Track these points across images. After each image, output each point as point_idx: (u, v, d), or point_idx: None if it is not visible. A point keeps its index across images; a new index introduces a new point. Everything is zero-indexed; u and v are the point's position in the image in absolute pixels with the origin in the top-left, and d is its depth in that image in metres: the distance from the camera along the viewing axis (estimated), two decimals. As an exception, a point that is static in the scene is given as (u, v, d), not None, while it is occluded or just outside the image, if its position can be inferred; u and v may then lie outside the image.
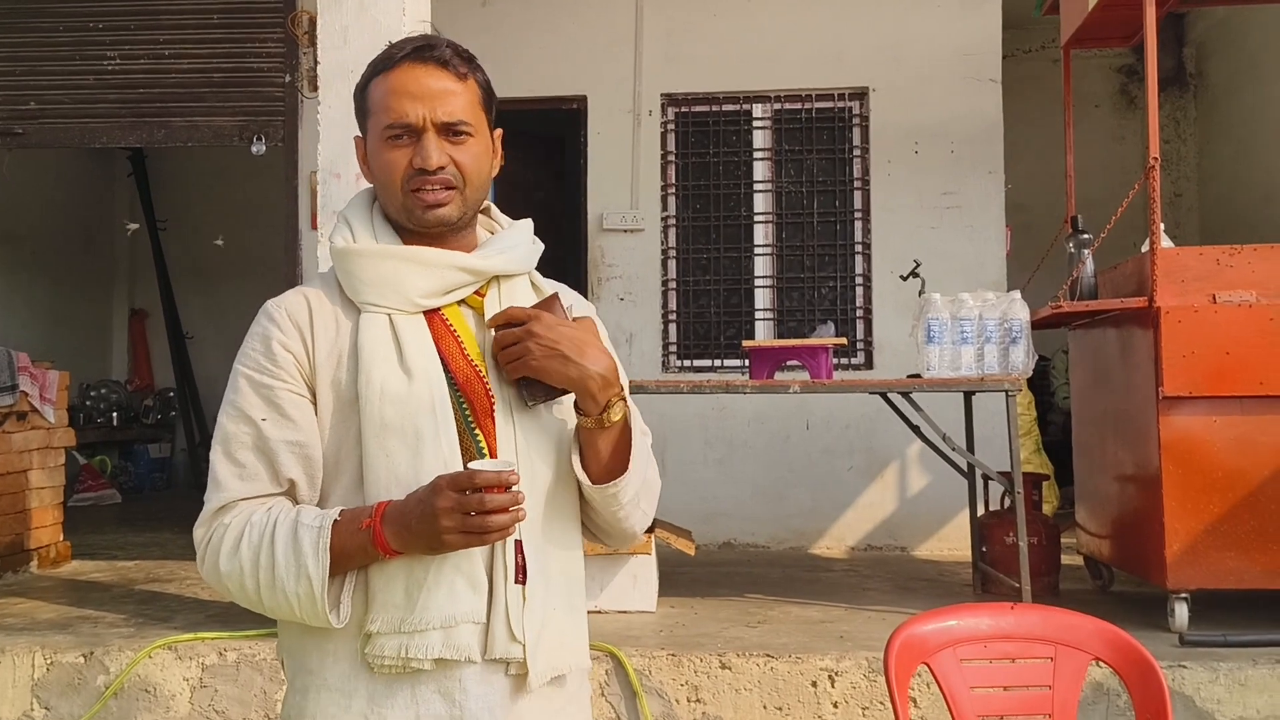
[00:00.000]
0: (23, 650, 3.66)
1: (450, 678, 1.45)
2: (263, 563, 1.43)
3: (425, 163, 1.50)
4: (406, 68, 1.52)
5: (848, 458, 6.08)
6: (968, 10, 6.15)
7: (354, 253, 1.54)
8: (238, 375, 1.52)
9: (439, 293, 1.53)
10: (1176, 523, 3.74)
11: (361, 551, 1.42)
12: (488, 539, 1.38)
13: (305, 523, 1.42)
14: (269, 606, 1.46)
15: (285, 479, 1.49)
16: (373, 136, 1.56)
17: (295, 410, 1.49)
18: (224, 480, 1.48)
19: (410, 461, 1.45)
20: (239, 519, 1.46)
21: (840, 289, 6.28)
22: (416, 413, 1.46)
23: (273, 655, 3.56)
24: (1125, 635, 2.15)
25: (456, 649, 1.43)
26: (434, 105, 1.50)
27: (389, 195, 1.55)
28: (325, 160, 3.65)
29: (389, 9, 3.63)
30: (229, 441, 1.49)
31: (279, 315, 1.53)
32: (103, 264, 9.67)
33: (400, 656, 1.42)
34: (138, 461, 9.20)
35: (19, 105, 6.01)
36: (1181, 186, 8.12)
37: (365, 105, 1.57)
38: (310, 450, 1.49)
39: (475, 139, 1.54)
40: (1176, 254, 3.88)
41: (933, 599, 4.41)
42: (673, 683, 3.50)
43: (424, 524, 1.37)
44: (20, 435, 5.13)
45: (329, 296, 1.55)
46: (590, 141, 6.35)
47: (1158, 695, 2.05)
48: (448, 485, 1.36)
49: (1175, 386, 3.75)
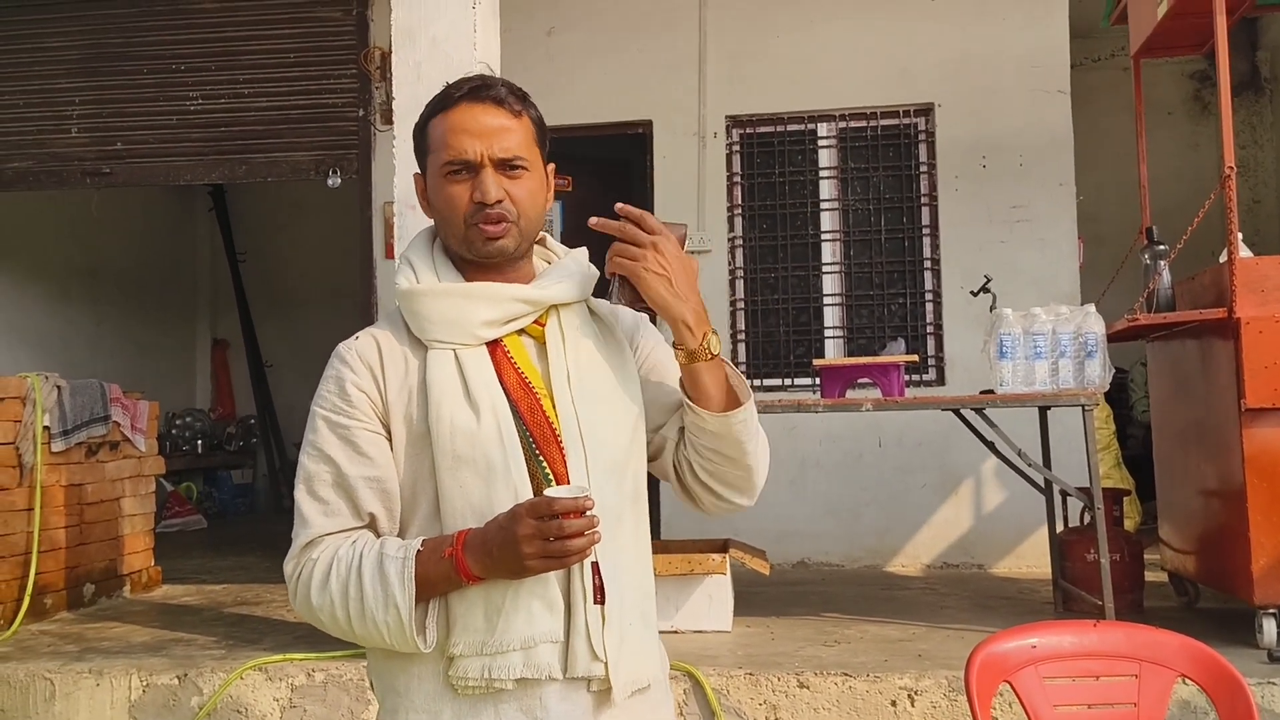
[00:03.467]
0: (119, 673, 3.79)
1: (531, 696, 1.49)
2: (352, 594, 1.49)
3: (484, 197, 1.56)
4: (464, 107, 1.58)
5: (921, 475, 6.04)
6: (1033, 22, 6.10)
7: (418, 293, 1.61)
8: (315, 417, 1.59)
9: (499, 323, 1.59)
10: (1262, 536, 3.66)
11: (444, 579, 1.47)
12: (566, 562, 1.43)
13: (390, 554, 1.49)
14: (360, 635, 1.52)
15: (366, 513, 1.55)
16: (432, 173, 1.62)
17: (371, 447, 1.56)
18: (309, 517, 1.56)
19: (483, 491, 1.51)
20: (326, 553, 1.53)
21: (910, 305, 6.25)
22: (486, 445, 1.52)
23: (359, 676, 3.65)
24: (1211, 652, 2.12)
25: (537, 668, 1.48)
26: (491, 142, 1.57)
27: (450, 229, 1.61)
28: (401, 192, 3.75)
29: (460, 44, 3.72)
30: (311, 480, 1.57)
31: (350, 357, 1.60)
32: (185, 296, 9.97)
33: (483, 678, 1.48)
34: (221, 488, 9.45)
35: (107, 146, 6.25)
36: (1260, 193, 7.95)
37: (425, 144, 1.64)
38: (388, 485, 1.56)
39: (530, 174, 1.61)
40: (1256, 263, 3.81)
41: (1012, 617, 4.36)
42: (751, 702, 3.51)
43: (505, 550, 1.42)
44: (113, 464, 5.32)
45: (396, 335, 1.62)
46: (656, 165, 6.40)
47: (1246, 712, 2.01)
48: (527, 513, 1.41)
49: (1258, 398, 3.68)
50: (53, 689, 3.79)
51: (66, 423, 4.93)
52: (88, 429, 5.05)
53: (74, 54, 6.28)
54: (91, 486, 5.15)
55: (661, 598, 4.17)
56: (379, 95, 6.02)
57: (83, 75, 6.26)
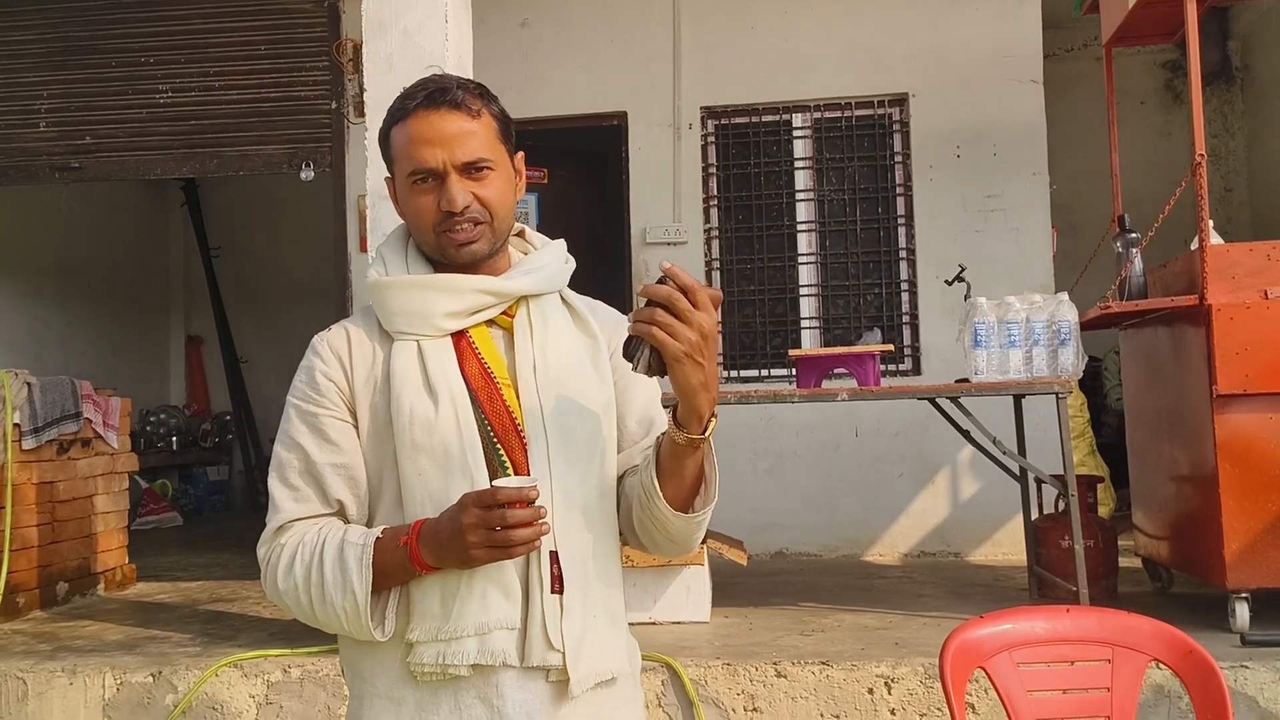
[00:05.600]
0: (93, 671, 3.76)
1: (489, 684, 1.51)
2: (314, 579, 1.51)
3: (451, 205, 1.56)
4: (421, 115, 1.57)
5: (898, 464, 6.06)
6: (1006, 12, 6.12)
7: (385, 285, 1.62)
8: (289, 405, 1.62)
9: (463, 315, 1.59)
10: (1235, 522, 3.69)
11: (401, 568, 1.49)
12: (513, 553, 1.44)
13: (351, 541, 1.51)
14: (322, 621, 1.54)
15: (334, 500, 1.58)
16: (399, 182, 1.63)
17: (339, 435, 1.58)
18: (280, 502, 1.59)
19: (441, 480, 1.52)
20: (293, 539, 1.56)
21: (885, 295, 6.27)
22: (444, 433, 1.53)
23: (335, 671, 3.63)
24: (1184, 636, 2.14)
25: (491, 655, 1.49)
26: (452, 148, 1.56)
27: (422, 236, 1.62)
28: (374, 185, 3.72)
29: (432, 35, 3.70)
30: (282, 467, 1.60)
31: (322, 348, 1.63)
32: (158, 292, 9.89)
33: (438, 664, 1.50)
34: (197, 484, 9.39)
35: (75, 141, 6.18)
36: (1232, 181, 8.00)
37: (389, 152, 1.64)
38: (355, 471, 1.59)
39: (496, 172, 1.60)
40: (1226, 250, 3.84)
41: (988, 604, 4.38)
42: (729, 692, 3.51)
43: (453, 540, 1.44)
44: (85, 461, 5.27)
45: (367, 328, 1.64)
46: (631, 157, 6.40)
47: (1218, 696, 2.03)
48: (472, 503, 1.42)
49: (1229, 384, 3.71)
50: (25, 688, 3.75)
51: (37, 420, 4.88)
52: (59, 426, 5.00)
53: (40, 47, 6.20)
54: (63, 484, 5.10)
55: (639, 589, 4.18)
56: (351, 87, 5.98)
57: (50, 69, 6.18)
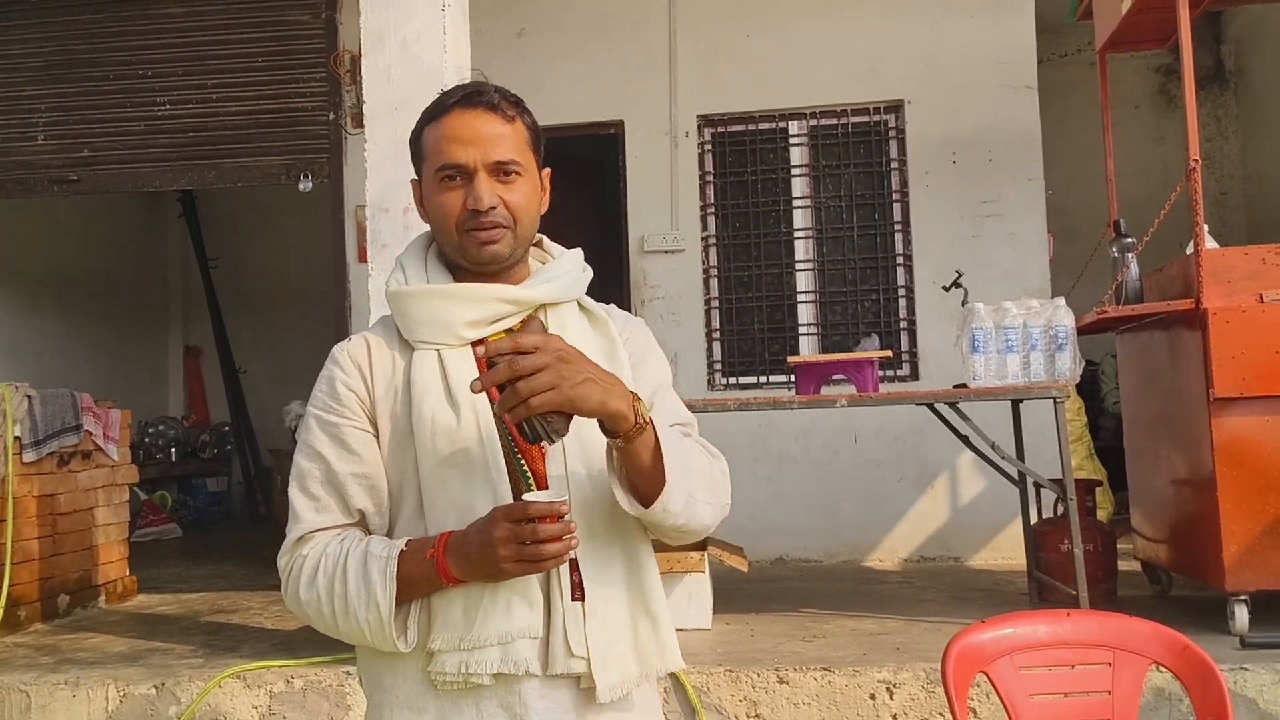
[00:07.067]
0: (96, 684, 3.76)
1: (511, 692, 1.50)
2: (336, 591, 1.51)
3: (478, 203, 1.57)
4: (457, 113, 1.59)
5: (897, 469, 6.08)
6: (1000, 19, 6.15)
7: (405, 294, 1.62)
8: (309, 415, 1.62)
9: (483, 323, 1.59)
10: (1233, 524, 3.71)
11: (426, 580, 1.49)
12: (542, 566, 1.43)
13: (374, 553, 1.50)
14: (344, 632, 1.53)
15: (355, 509, 1.58)
16: (427, 179, 1.63)
17: (359, 445, 1.58)
18: (301, 513, 1.58)
19: (463, 489, 1.52)
20: (315, 549, 1.55)
21: (883, 301, 6.29)
22: (466, 443, 1.53)
23: (338, 682, 3.64)
24: (1183, 638, 2.15)
25: (514, 663, 1.49)
26: (484, 147, 1.58)
27: (445, 235, 1.62)
28: (374, 195, 3.74)
29: (431, 47, 3.72)
30: (303, 477, 1.59)
31: (342, 358, 1.63)
32: (157, 303, 9.89)
33: (461, 673, 1.49)
34: (196, 495, 9.38)
35: (74, 154, 6.20)
36: (1226, 184, 8.04)
37: (420, 150, 1.65)
38: (376, 481, 1.58)
39: (524, 178, 1.62)
40: (1222, 254, 3.86)
41: (988, 608, 4.39)
42: (731, 699, 3.52)
43: (482, 553, 1.43)
44: (85, 474, 5.27)
45: (388, 337, 1.64)
46: (628, 165, 6.42)
47: (1219, 698, 2.04)
48: (503, 517, 1.42)
49: (1226, 387, 3.72)
50: (28, 701, 3.75)
51: (38, 433, 4.88)
52: (59, 439, 5.00)
53: (39, 61, 6.22)
54: (64, 497, 5.10)
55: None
56: (349, 98, 6.01)
57: (48, 82, 6.21)
